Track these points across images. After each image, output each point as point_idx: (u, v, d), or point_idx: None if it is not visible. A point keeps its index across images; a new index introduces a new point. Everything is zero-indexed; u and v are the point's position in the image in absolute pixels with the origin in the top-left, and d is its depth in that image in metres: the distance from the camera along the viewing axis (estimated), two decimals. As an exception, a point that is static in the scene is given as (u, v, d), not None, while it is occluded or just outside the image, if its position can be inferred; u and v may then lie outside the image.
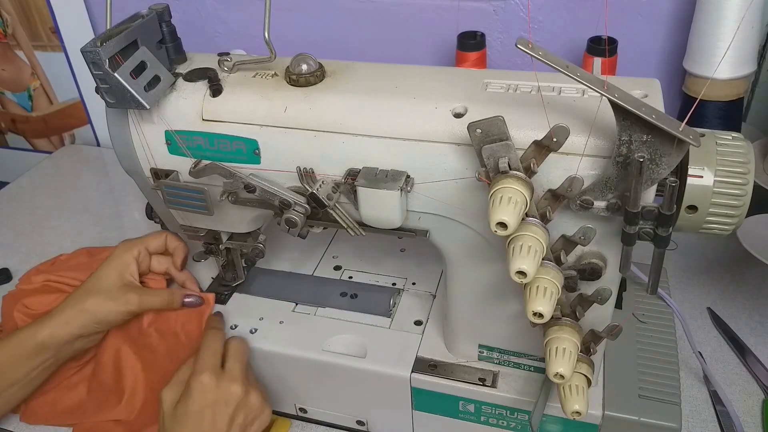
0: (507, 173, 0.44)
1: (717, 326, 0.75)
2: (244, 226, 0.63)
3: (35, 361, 0.62)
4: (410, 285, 0.70)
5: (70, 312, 0.62)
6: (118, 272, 0.64)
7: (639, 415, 0.55)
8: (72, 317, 0.62)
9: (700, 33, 0.78)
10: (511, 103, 0.49)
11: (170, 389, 0.57)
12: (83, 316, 0.62)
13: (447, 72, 0.57)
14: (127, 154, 0.59)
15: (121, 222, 0.98)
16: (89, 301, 0.62)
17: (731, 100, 0.80)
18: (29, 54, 1.15)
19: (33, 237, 0.96)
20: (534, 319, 0.44)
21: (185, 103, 0.55)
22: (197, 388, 0.56)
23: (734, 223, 0.46)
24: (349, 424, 0.66)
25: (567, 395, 0.50)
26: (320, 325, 0.66)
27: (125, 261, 0.65)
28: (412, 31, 0.96)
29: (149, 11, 0.55)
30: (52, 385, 0.68)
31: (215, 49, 0.59)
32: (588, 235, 0.47)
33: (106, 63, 0.50)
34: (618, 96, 0.41)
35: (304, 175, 0.53)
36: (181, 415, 0.55)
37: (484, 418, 0.60)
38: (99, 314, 0.62)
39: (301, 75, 0.54)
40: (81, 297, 0.63)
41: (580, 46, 0.86)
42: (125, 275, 0.64)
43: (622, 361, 0.60)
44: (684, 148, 0.42)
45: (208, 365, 0.57)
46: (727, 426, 0.64)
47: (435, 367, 0.61)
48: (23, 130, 1.26)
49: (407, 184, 0.50)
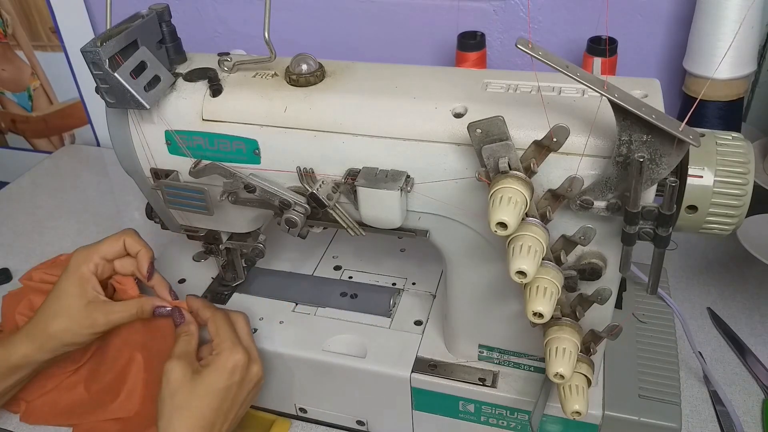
0: (507, 173, 0.44)
1: (717, 326, 0.75)
2: (244, 226, 0.63)
3: (11, 380, 0.62)
4: (410, 285, 0.70)
5: (40, 336, 0.60)
6: (78, 289, 0.60)
7: (639, 415, 0.55)
8: (43, 342, 0.60)
9: (700, 33, 0.78)
10: (511, 103, 0.49)
11: (178, 362, 0.56)
12: (52, 342, 0.60)
13: (447, 72, 0.57)
14: (127, 154, 0.59)
15: (121, 222, 0.98)
16: (55, 325, 0.60)
17: (731, 100, 0.80)
18: (29, 54, 1.15)
19: (33, 237, 0.96)
20: (534, 319, 0.44)
21: (185, 103, 0.55)
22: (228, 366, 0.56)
23: (734, 223, 0.46)
24: (349, 424, 0.66)
25: (567, 395, 0.50)
26: (320, 325, 0.66)
27: (84, 276, 0.61)
28: (412, 31, 0.96)
29: (149, 11, 0.55)
30: (51, 385, 0.68)
31: (215, 49, 0.59)
32: (588, 235, 0.47)
33: (106, 63, 0.50)
34: (618, 96, 0.41)
35: (304, 175, 0.53)
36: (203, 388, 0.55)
37: (484, 418, 0.60)
38: (65, 338, 0.60)
39: (301, 75, 0.54)
40: (47, 319, 0.60)
41: (580, 46, 0.86)
42: (88, 291, 0.61)
43: (622, 361, 0.60)
44: (684, 148, 0.42)
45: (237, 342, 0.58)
46: (727, 426, 0.64)
47: (435, 367, 0.61)
48: (23, 130, 1.26)
49: (407, 184, 0.50)
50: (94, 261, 0.62)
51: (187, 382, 0.55)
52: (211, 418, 0.55)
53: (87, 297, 0.61)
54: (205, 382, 0.56)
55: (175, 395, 0.55)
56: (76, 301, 0.60)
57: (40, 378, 0.68)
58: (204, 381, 0.56)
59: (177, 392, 0.55)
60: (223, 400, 0.56)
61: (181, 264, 0.74)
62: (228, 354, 0.57)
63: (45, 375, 0.68)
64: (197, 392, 0.55)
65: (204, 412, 0.55)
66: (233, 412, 0.57)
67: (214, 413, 0.55)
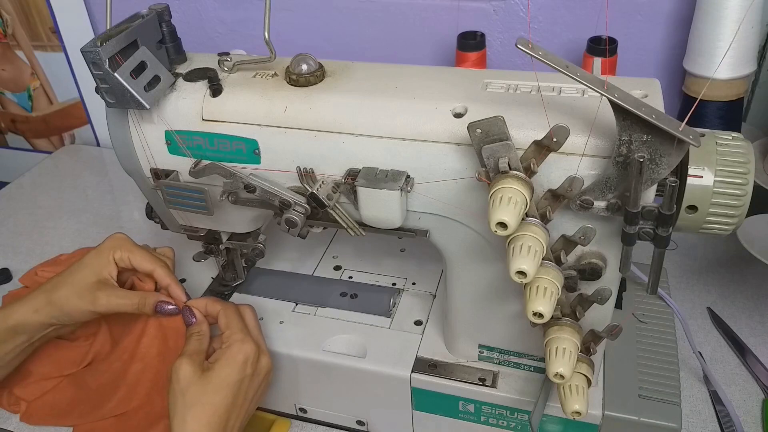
0: (507, 173, 0.44)
1: (717, 326, 0.75)
2: (244, 226, 0.63)
3: (9, 345, 0.62)
4: (410, 285, 0.70)
5: (40, 300, 0.61)
6: (96, 267, 0.62)
7: (639, 415, 0.55)
8: (41, 306, 0.61)
9: (700, 33, 0.78)
10: (511, 103, 0.49)
11: (188, 360, 0.56)
12: (51, 308, 0.61)
13: (447, 72, 0.57)
14: (127, 154, 0.59)
15: (121, 222, 0.98)
16: (59, 293, 0.61)
17: (731, 100, 0.80)
18: (29, 54, 1.15)
19: (33, 237, 0.96)
20: (534, 319, 0.44)
21: (185, 103, 0.55)
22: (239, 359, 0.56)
23: (734, 223, 0.46)
24: (349, 424, 0.66)
25: (567, 395, 0.50)
26: (320, 325, 0.66)
27: (108, 259, 0.62)
28: (412, 31, 0.96)
29: (149, 11, 0.55)
30: (51, 386, 0.68)
31: (215, 49, 0.59)
32: (588, 235, 0.47)
33: (106, 63, 0.50)
34: (618, 96, 0.41)
35: (304, 175, 0.53)
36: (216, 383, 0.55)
37: (484, 418, 0.60)
38: (65, 308, 0.61)
39: (301, 75, 0.54)
40: (53, 287, 0.61)
41: (580, 46, 0.86)
42: (102, 271, 0.62)
43: (622, 361, 0.60)
44: (684, 148, 0.42)
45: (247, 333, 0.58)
46: (727, 426, 0.64)
47: (435, 367, 0.61)
48: (23, 130, 1.26)
49: (407, 184, 0.50)
50: (120, 254, 0.63)
51: (197, 379, 0.55)
52: (225, 412, 0.54)
53: (99, 276, 0.62)
54: (218, 376, 0.55)
55: (186, 393, 0.54)
56: (89, 276, 0.61)
57: (39, 379, 0.68)
58: (217, 376, 0.55)
59: (188, 389, 0.54)
60: (236, 394, 0.55)
61: (181, 264, 0.74)
62: (239, 345, 0.56)
63: (44, 376, 0.68)
64: (209, 388, 0.54)
65: (217, 407, 0.54)
66: (245, 406, 0.57)
67: (228, 408, 0.55)
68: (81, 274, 0.62)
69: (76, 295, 0.61)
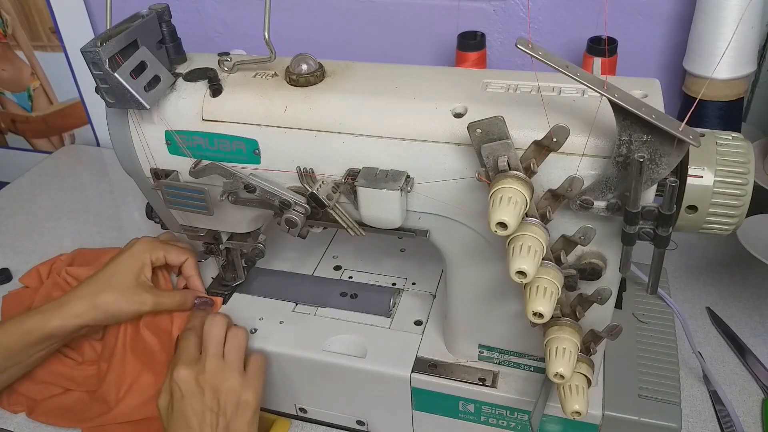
0: (507, 173, 0.44)
1: (717, 326, 0.75)
2: (244, 226, 0.63)
3: (41, 346, 0.64)
4: (410, 285, 0.70)
5: (82, 305, 0.63)
6: (134, 272, 0.65)
7: (639, 415, 0.55)
8: (85, 311, 0.63)
9: (699, 33, 0.78)
10: (511, 103, 0.49)
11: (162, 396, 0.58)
12: (96, 312, 0.63)
13: (447, 72, 0.57)
14: (127, 154, 0.59)
15: (121, 222, 0.98)
16: (103, 297, 0.63)
17: (731, 100, 0.80)
18: (29, 54, 1.15)
19: (33, 237, 0.96)
20: (534, 319, 0.44)
21: (185, 103, 0.55)
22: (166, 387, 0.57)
23: (734, 223, 0.46)
24: (349, 424, 0.66)
25: (567, 395, 0.50)
26: (320, 325, 0.66)
27: (144, 261, 0.66)
28: (412, 31, 0.96)
29: (149, 11, 0.55)
30: (59, 387, 0.68)
31: (215, 49, 0.59)
32: (588, 235, 0.47)
33: (106, 63, 0.50)
34: (618, 96, 0.41)
35: (304, 175, 0.53)
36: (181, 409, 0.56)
37: (484, 418, 0.60)
38: (112, 310, 0.63)
39: (301, 75, 0.54)
40: (94, 291, 0.64)
41: (580, 46, 0.86)
42: (140, 276, 0.65)
43: (622, 361, 0.60)
44: (684, 148, 0.42)
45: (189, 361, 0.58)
46: (727, 426, 0.64)
47: (435, 367, 0.61)
48: (23, 130, 1.26)
49: (407, 184, 0.50)
50: (156, 255, 0.67)
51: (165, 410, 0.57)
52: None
53: (138, 278, 0.65)
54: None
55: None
56: (130, 279, 0.65)
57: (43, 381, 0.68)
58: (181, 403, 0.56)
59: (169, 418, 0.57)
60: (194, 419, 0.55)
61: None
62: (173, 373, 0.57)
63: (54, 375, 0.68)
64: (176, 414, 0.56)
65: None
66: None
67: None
68: (121, 278, 0.65)
69: (123, 299, 0.64)
